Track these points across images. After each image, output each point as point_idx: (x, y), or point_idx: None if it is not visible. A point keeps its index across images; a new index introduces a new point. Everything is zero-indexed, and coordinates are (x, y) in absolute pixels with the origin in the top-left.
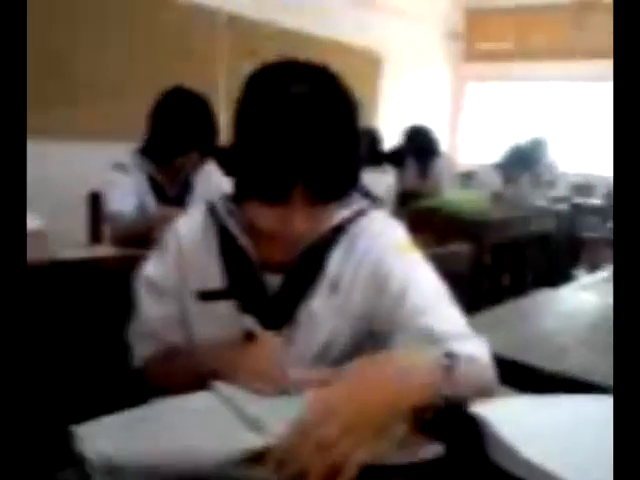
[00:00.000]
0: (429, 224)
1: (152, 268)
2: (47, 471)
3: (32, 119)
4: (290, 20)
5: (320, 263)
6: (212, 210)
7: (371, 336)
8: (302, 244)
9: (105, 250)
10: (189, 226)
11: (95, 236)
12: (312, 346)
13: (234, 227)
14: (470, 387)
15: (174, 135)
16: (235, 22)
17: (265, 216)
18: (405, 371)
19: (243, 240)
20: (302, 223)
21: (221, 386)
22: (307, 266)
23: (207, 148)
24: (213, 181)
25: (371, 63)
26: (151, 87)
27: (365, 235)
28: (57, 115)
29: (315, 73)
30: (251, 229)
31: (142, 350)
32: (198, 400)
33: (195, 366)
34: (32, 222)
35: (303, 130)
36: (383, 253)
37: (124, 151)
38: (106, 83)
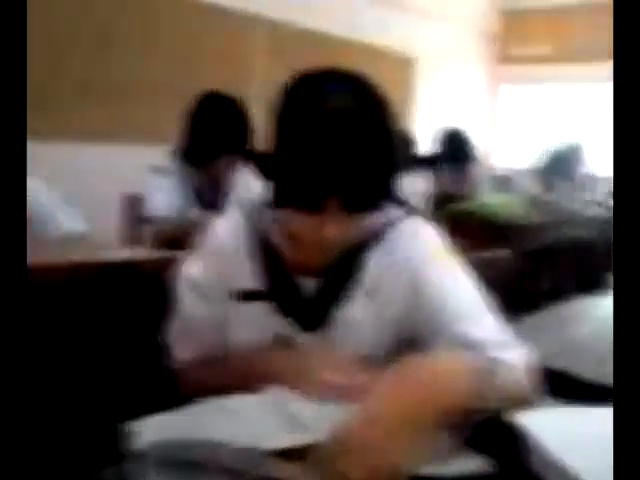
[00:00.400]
0: (464, 228)
1: (192, 268)
2: (87, 470)
3: (69, 121)
4: (319, 22)
5: (356, 268)
6: (248, 212)
7: (409, 342)
8: (337, 250)
9: (144, 252)
10: (226, 226)
11: (131, 238)
12: (349, 351)
13: (270, 230)
14: (509, 396)
15: (210, 137)
16: (264, 24)
17: (300, 223)
18: (444, 375)
19: (278, 243)
20: (336, 231)
21: (272, 389)
22: (343, 270)
23: (243, 151)
24: (248, 185)
25: (402, 65)
26: (184, 90)
27: (403, 240)
28: (92, 117)
29: (354, 83)
30: (286, 233)
31: (181, 352)
32: (248, 401)
33: (235, 370)
34: (76, 224)
35: (341, 142)
36: (421, 258)
37: (159, 153)
38: (142, 86)
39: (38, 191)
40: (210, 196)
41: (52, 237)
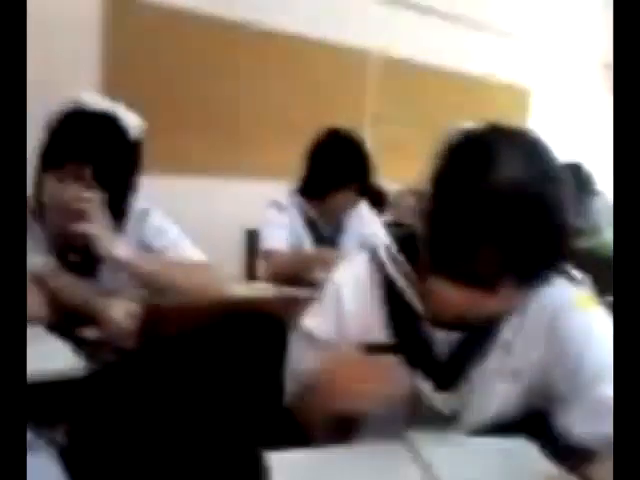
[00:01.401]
0: (586, 266)
1: (310, 320)
2: None
3: (203, 160)
4: (434, 56)
5: (497, 324)
6: (375, 258)
7: (545, 399)
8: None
9: (261, 287)
10: (350, 274)
11: (250, 272)
12: (484, 409)
13: (401, 280)
14: None
15: (330, 170)
16: (377, 58)
17: (454, 293)
18: None
19: (410, 295)
20: (496, 305)
21: (413, 436)
22: (483, 326)
23: (361, 187)
24: (365, 222)
25: (518, 97)
26: (306, 127)
27: (542, 292)
28: (224, 155)
29: (523, 145)
30: (432, 296)
31: (291, 388)
32: (387, 450)
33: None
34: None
35: (515, 219)
36: (560, 309)
37: (280, 189)
38: (266, 126)
39: (161, 221)
40: (328, 232)
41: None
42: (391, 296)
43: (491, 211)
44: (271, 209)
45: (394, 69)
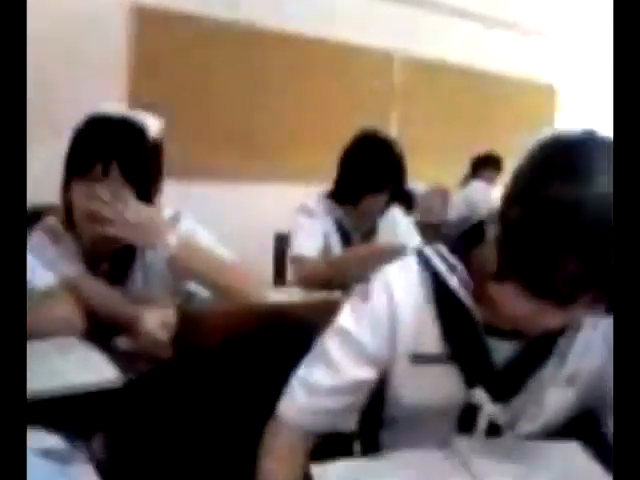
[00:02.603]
0: None
1: (351, 320)
2: None
3: (234, 165)
4: (460, 56)
5: (558, 335)
6: (426, 263)
7: (598, 404)
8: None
9: (292, 292)
10: (403, 278)
11: (280, 277)
12: (537, 417)
13: (457, 286)
14: None
15: (366, 174)
16: (411, 63)
17: (522, 303)
18: None
19: (468, 302)
20: (564, 320)
21: (461, 444)
22: (542, 336)
23: (395, 190)
24: (397, 226)
25: (546, 95)
26: (335, 130)
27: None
28: (254, 160)
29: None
30: (477, 289)
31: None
32: (434, 458)
33: None
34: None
35: (603, 235)
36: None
37: (310, 193)
38: (294, 130)
39: (193, 226)
40: (359, 237)
41: None
42: (445, 303)
43: (578, 226)
44: (301, 215)
45: (420, 70)
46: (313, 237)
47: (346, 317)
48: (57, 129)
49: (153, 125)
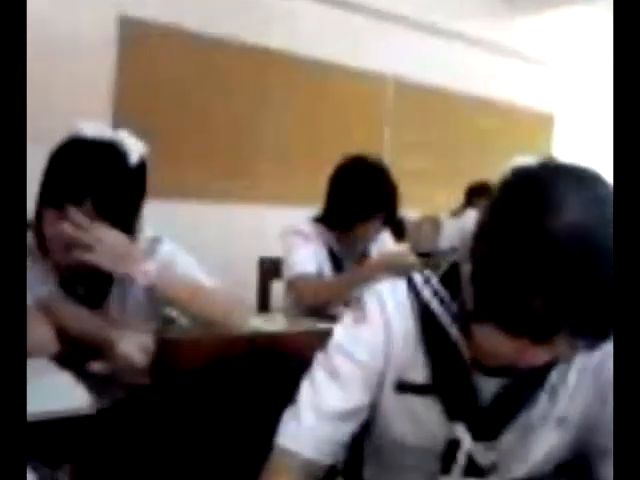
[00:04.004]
0: None
1: (351, 341)
2: None
3: (215, 187)
4: (457, 82)
5: (546, 371)
6: (416, 292)
7: (591, 447)
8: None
9: (276, 319)
10: (395, 303)
11: (264, 302)
12: (525, 459)
13: (445, 318)
14: None
15: (358, 201)
16: (401, 86)
17: (501, 342)
18: None
19: (457, 336)
20: (547, 356)
21: None
22: (530, 374)
23: (387, 215)
24: (385, 248)
25: (542, 122)
26: (322, 154)
27: None
28: (236, 182)
29: (587, 192)
30: (466, 323)
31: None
32: None
33: None
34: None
35: (572, 270)
36: (608, 354)
37: (294, 216)
38: (279, 153)
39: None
40: (351, 264)
41: None
42: (433, 336)
43: (547, 259)
44: (296, 237)
45: (414, 95)
46: (310, 258)
47: (346, 337)
48: (39, 141)
49: (135, 149)
